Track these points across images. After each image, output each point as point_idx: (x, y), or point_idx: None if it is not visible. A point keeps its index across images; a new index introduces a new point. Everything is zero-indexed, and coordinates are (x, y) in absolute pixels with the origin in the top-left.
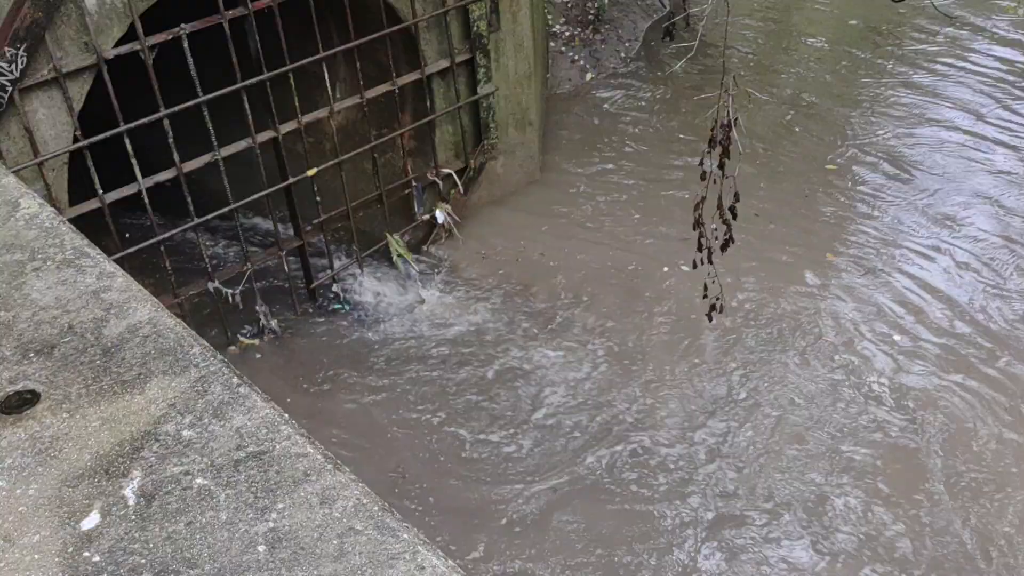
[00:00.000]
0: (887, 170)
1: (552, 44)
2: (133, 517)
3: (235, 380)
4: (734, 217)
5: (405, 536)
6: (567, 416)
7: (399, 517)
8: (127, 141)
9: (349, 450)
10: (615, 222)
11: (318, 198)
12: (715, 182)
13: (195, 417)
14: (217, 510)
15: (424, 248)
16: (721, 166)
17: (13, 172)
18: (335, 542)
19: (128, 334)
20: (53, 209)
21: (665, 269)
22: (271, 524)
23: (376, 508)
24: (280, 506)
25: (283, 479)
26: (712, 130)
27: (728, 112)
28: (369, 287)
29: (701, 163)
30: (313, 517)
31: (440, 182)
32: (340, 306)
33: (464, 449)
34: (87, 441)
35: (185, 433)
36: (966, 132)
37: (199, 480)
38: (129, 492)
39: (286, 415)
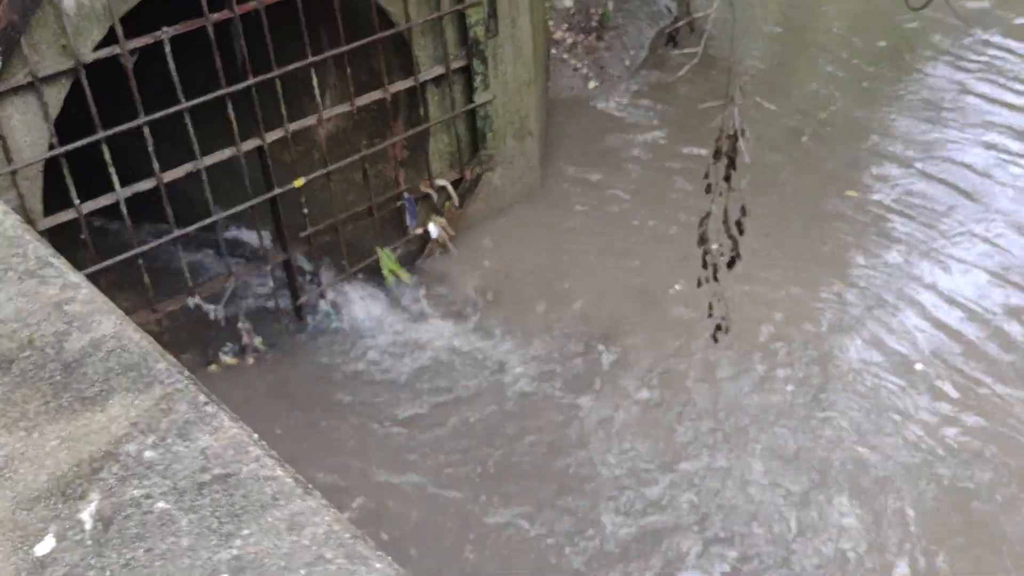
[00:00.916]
0: (909, 195)
1: (554, 51)
2: (89, 542)
3: (202, 398)
4: (741, 232)
5: (378, 566)
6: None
7: (373, 545)
8: (105, 149)
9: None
10: (620, 237)
11: (305, 210)
12: (720, 195)
13: (158, 437)
14: (178, 536)
15: (417, 264)
16: (727, 179)
17: None
18: (303, 572)
19: (91, 348)
20: (18, 217)
21: (676, 287)
22: (235, 551)
23: (348, 535)
24: (245, 532)
25: (250, 503)
26: (717, 140)
27: (734, 122)
28: (358, 304)
29: (706, 175)
30: (280, 544)
31: (434, 194)
32: (328, 324)
33: (482, 514)
34: (44, 461)
35: (147, 454)
36: (995, 159)
37: (160, 504)
38: (86, 516)
39: (255, 435)
